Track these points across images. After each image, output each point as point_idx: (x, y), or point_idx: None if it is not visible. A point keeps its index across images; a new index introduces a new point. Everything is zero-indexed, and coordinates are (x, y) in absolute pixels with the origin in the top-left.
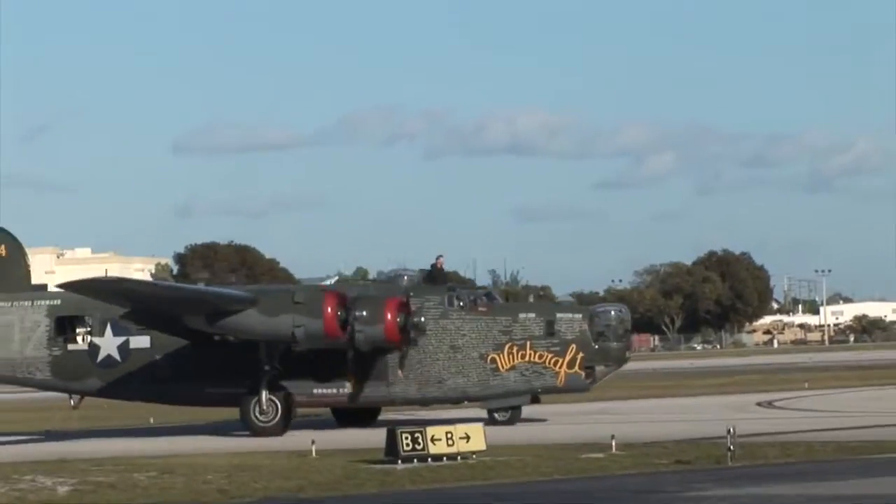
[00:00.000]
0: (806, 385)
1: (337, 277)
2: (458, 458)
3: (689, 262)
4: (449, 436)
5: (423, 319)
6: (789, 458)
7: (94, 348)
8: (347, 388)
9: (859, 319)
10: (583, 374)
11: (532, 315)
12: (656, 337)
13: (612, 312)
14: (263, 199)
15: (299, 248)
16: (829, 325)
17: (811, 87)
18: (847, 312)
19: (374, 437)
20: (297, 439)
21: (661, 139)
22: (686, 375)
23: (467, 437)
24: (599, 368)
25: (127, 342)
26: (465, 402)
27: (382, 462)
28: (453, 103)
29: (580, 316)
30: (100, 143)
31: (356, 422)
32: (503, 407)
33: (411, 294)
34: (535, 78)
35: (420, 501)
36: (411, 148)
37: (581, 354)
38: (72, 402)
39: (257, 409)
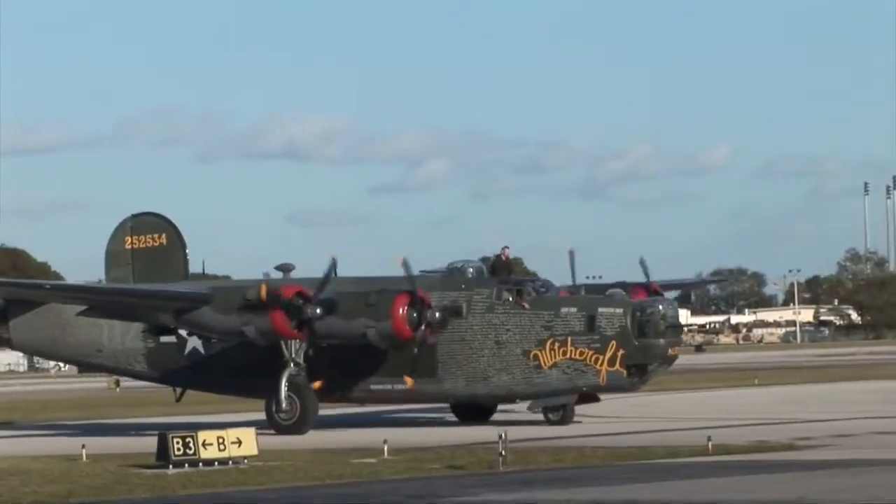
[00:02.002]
0: None
1: None
2: (230, 462)
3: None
4: (220, 440)
5: (437, 315)
6: (560, 464)
7: (181, 341)
8: (402, 384)
9: None
10: (624, 372)
11: (574, 309)
12: None
13: (657, 307)
14: (35, 201)
15: (73, 251)
16: None
17: (583, 94)
18: None
19: (145, 443)
20: (67, 443)
21: (436, 145)
22: None
23: (239, 442)
24: (650, 367)
25: None
26: (517, 401)
27: (153, 467)
28: (229, 107)
29: (621, 311)
30: None
31: (474, 417)
32: (554, 406)
33: (462, 287)
34: (312, 83)
35: None
36: (186, 151)
37: (622, 351)
38: (175, 395)
39: (276, 407)
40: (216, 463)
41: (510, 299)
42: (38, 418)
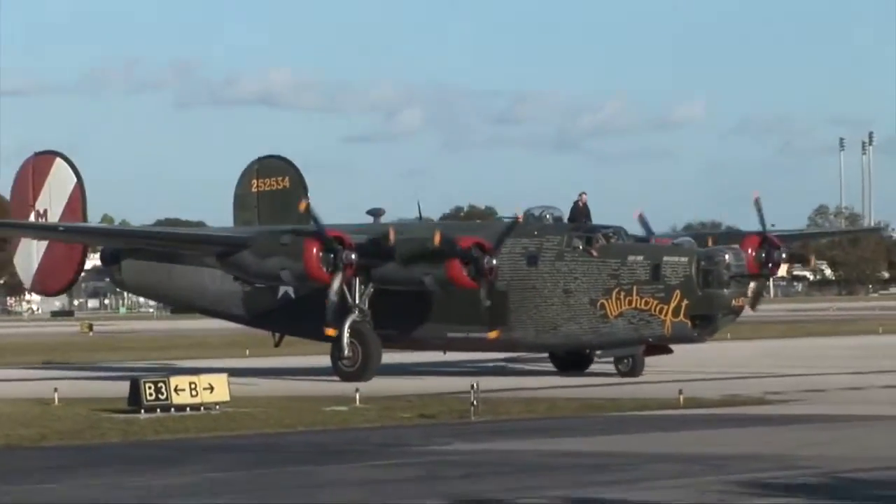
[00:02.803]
0: None
1: None
2: (202, 408)
3: (436, 218)
4: (192, 386)
5: (495, 262)
6: (531, 414)
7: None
8: (477, 331)
9: None
10: (688, 322)
11: (640, 258)
12: None
13: (723, 257)
14: (6, 146)
15: None
16: None
17: (558, 46)
18: None
19: (117, 387)
20: (39, 387)
21: (409, 95)
22: None
23: (211, 388)
24: (715, 318)
25: None
26: (587, 351)
27: (125, 411)
28: (203, 55)
29: (685, 259)
30: None
31: (573, 367)
32: (624, 355)
33: (535, 234)
34: (288, 32)
35: (162, 451)
36: (160, 98)
37: (686, 302)
38: (274, 339)
39: (339, 353)
40: (188, 409)
41: (580, 247)
42: (8, 361)
